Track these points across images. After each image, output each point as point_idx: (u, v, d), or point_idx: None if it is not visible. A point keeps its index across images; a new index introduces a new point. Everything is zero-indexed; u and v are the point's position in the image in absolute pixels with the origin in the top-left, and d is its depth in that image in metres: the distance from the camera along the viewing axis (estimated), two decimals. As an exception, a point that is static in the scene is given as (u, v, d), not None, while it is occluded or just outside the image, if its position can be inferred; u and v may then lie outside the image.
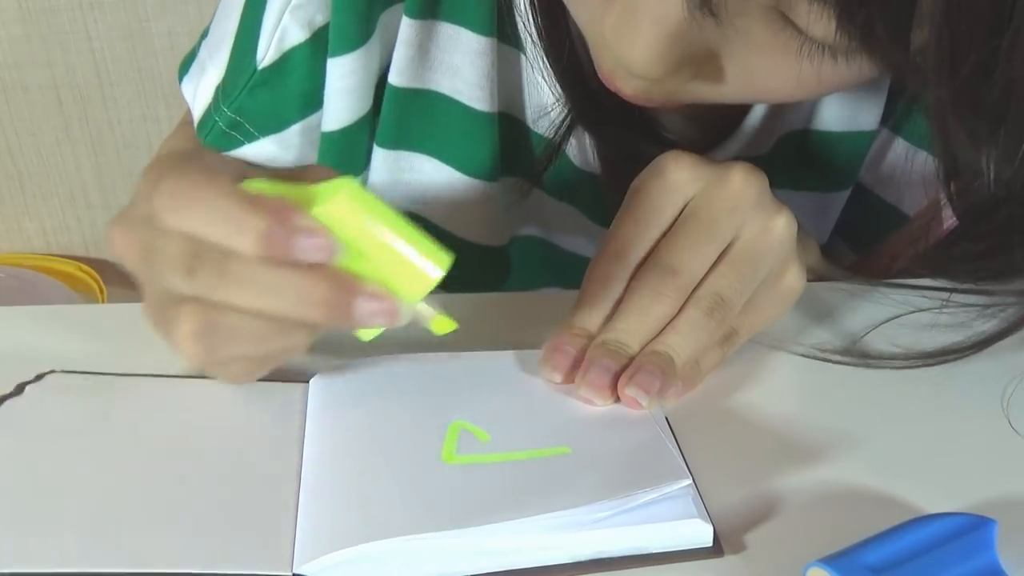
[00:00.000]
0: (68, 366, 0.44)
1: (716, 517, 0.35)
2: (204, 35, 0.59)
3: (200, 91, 0.57)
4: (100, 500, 0.35)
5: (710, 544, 0.34)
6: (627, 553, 0.34)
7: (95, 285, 1.25)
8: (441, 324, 0.37)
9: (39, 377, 0.40)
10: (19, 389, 0.39)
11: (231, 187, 0.33)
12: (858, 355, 0.44)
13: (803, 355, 0.45)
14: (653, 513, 0.34)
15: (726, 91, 0.43)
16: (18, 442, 0.37)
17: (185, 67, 0.60)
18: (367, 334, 0.36)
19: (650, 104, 0.45)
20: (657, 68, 0.40)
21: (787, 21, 0.37)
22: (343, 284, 0.34)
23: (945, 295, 0.47)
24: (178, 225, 0.34)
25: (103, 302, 1.20)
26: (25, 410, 0.38)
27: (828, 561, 0.31)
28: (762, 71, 0.40)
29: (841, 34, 0.36)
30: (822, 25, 0.36)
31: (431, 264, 0.35)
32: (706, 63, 0.41)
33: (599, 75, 0.45)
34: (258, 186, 0.34)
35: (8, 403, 0.39)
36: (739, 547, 0.35)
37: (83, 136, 1.23)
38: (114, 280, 1.27)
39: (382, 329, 0.36)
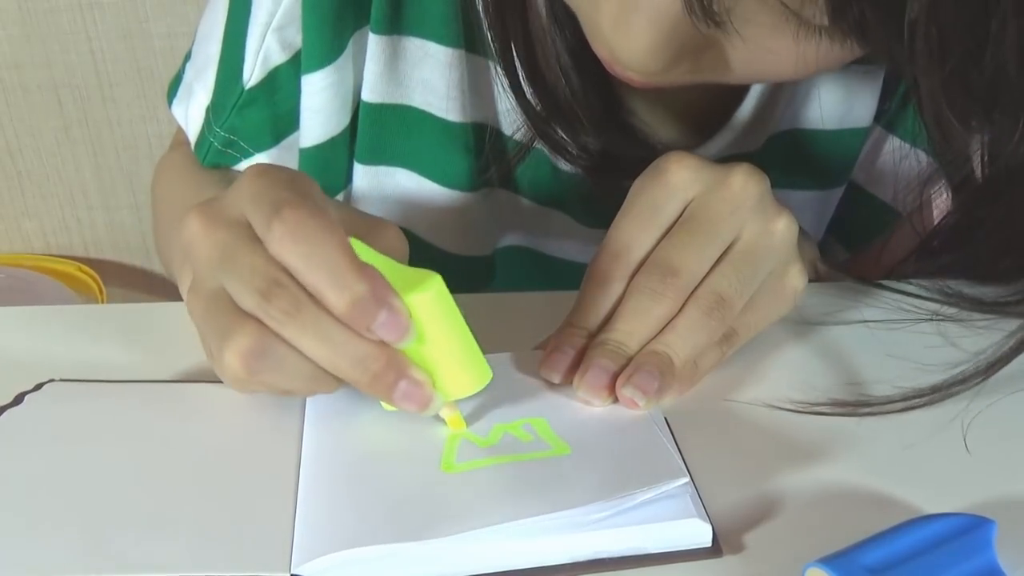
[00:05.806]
0: (68, 366, 0.44)
1: (715, 517, 0.35)
2: (187, 58, 0.61)
3: (191, 113, 0.59)
4: (100, 506, 0.35)
5: (709, 544, 0.34)
6: (626, 553, 0.34)
7: (95, 285, 1.24)
8: (455, 422, 0.39)
9: (38, 386, 0.40)
10: (18, 399, 0.40)
11: (347, 244, 0.34)
12: (860, 401, 0.42)
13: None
14: (652, 513, 0.34)
15: (728, 75, 0.43)
16: (18, 450, 0.37)
17: (173, 90, 0.61)
18: (390, 406, 0.38)
19: (652, 87, 0.45)
20: (654, 64, 0.40)
21: (783, 7, 0.37)
22: (395, 363, 0.35)
23: (938, 303, 0.47)
24: (283, 254, 0.34)
25: (103, 302, 1.20)
26: (24, 419, 0.39)
27: (827, 561, 0.31)
28: (761, 54, 0.40)
29: (835, 26, 0.36)
30: (817, 11, 0.36)
31: (476, 376, 0.38)
32: (704, 53, 0.41)
33: (600, 60, 0.44)
34: (358, 248, 0.35)
35: (8, 413, 0.39)
36: (738, 547, 0.34)
37: (83, 136, 1.22)
38: (114, 280, 1.27)
39: None
